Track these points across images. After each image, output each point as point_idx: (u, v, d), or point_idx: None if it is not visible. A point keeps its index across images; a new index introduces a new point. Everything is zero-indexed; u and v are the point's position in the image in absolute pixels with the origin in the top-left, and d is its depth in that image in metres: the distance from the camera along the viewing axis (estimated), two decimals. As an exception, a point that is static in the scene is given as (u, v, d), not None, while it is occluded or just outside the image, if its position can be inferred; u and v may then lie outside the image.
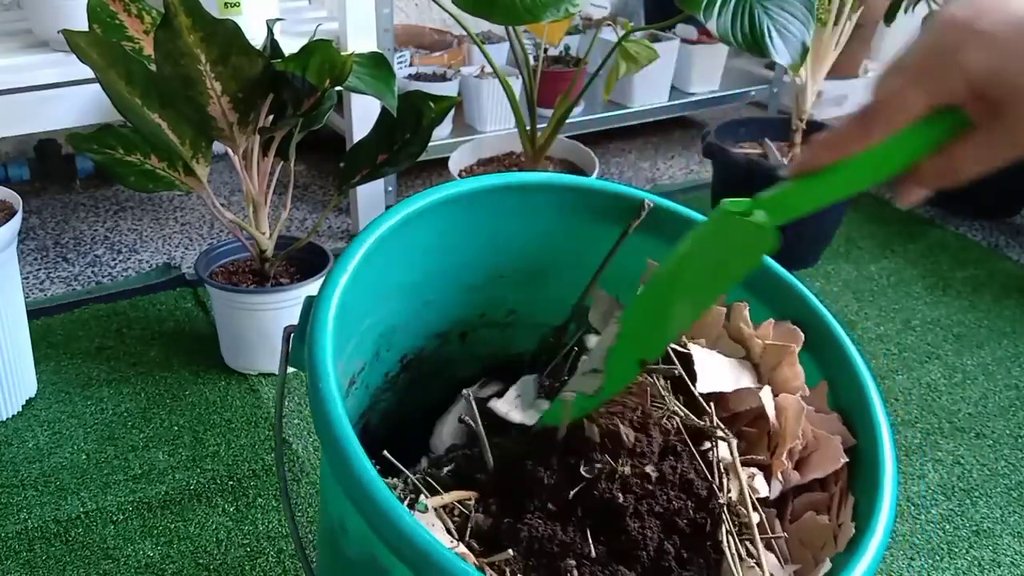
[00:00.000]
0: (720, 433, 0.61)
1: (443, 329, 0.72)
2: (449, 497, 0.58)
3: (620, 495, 0.56)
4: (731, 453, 0.60)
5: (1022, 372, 1.40)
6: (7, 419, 1.23)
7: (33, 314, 1.41)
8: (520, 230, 0.68)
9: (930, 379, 1.38)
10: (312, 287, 1.30)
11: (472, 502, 0.58)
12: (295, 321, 0.60)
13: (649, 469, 0.57)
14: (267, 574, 1.01)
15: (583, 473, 0.57)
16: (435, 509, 0.57)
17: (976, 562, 1.06)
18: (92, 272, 1.61)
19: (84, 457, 1.17)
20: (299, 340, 0.60)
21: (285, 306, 1.29)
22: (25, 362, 1.25)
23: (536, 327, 0.76)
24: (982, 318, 1.54)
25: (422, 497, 0.58)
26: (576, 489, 0.56)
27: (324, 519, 0.61)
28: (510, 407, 0.63)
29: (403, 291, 0.65)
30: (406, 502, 0.58)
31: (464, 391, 0.66)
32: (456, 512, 0.58)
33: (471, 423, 0.62)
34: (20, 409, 1.24)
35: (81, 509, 1.09)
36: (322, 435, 0.48)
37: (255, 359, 1.32)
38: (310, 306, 0.56)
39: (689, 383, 0.63)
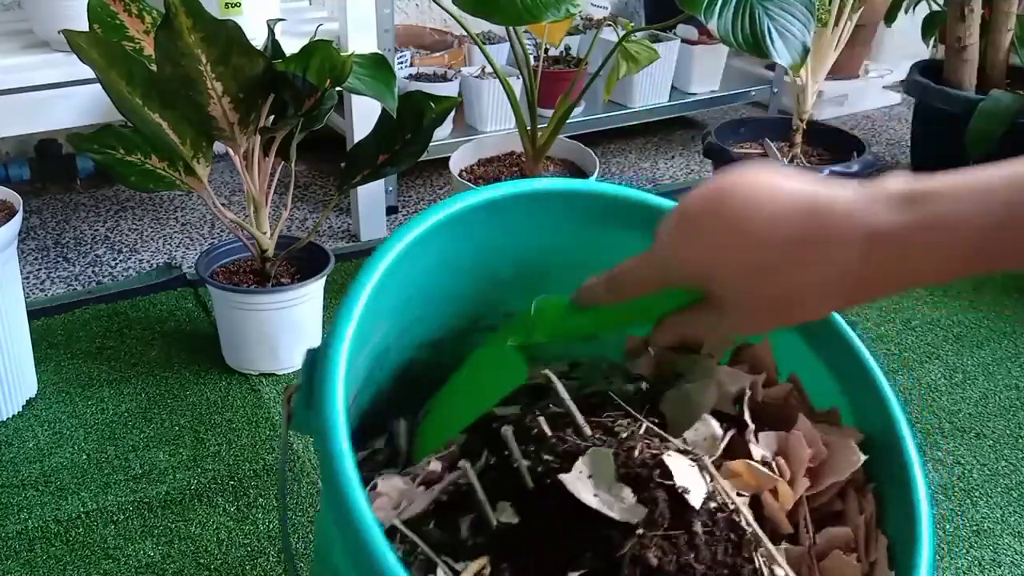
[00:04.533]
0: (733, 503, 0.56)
1: (436, 337, 0.72)
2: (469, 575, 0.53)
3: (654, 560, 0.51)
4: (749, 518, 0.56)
5: (1022, 372, 1.40)
6: (7, 419, 1.23)
7: (33, 314, 1.41)
8: (519, 236, 0.67)
9: (930, 379, 1.38)
10: (313, 287, 1.30)
11: (487, 572, 0.53)
12: (295, 321, 0.59)
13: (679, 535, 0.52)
14: (267, 574, 1.01)
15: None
16: None
17: (976, 562, 1.06)
18: (93, 272, 1.62)
19: (85, 457, 1.17)
20: (303, 404, 0.53)
21: (286, 306, 1.29)
22: (25, 362, 1.25)
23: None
24: (982, 318, 1.54)
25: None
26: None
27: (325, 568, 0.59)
28: (586, 489, 0.54)
29: (396, 312, 0.64)
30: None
31: (503, 429, 0.59)
32: None
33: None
34: (20, 409, 1.24)
35: (82, 509, 1.09)
36: (343, 528, 0.44)
37: (256, 359, 1.32)
38: (312, 364, 0.51)
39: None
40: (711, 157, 1.70)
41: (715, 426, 0.60)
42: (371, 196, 1.71)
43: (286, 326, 1.30)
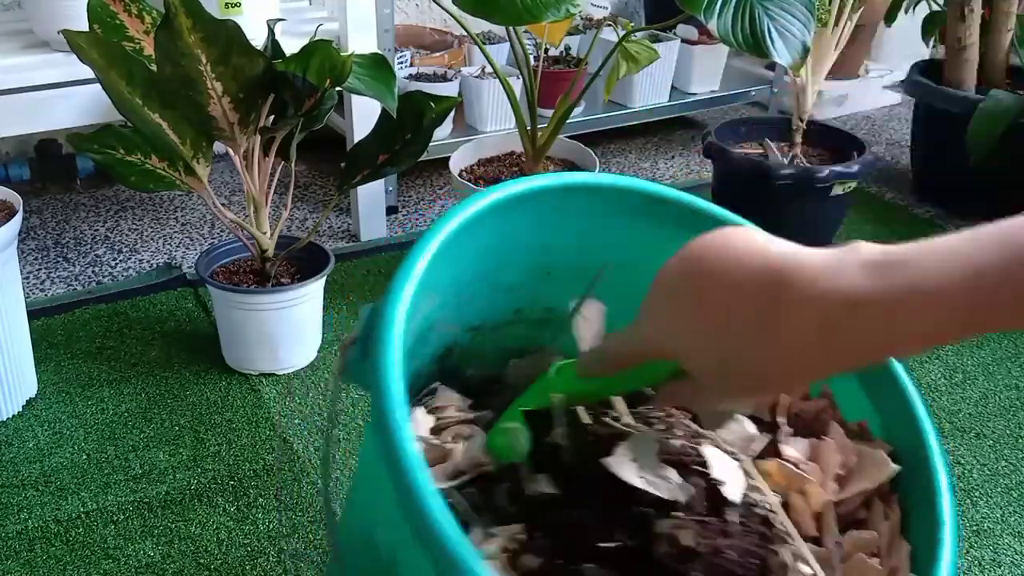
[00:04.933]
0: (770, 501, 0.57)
1: (477, 323, 0.72)
2: (504, 539, 0.54)
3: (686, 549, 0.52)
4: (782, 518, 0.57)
5: (1022, 372, 1.40)
6: (7, 419, 1.23)
7: (33, 314, 1.41)
8: (577, 230, 0.67)
9: (930, 379, 1.38)
10: (313, 287, 1.30)
11: (523, 536, 0.55)
12: (296, 321, 0.59)
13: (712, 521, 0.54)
14: (267, 574, 1.01)
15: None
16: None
17: (976, 562, 1.06)
18: (93, 272, 1.62)
19: (85, 457, 1.17)
20: (360, 355, 0.55)
21: (286, 306, 1.29)
22: (25, 362, 1.25)
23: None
24: (982, 318, 1.54)
25: (485, 547, 0.55)
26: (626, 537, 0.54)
27: (366, 545, 0.59)
28: (630, 471, 0.55)
29: (447, 290, 0.64)
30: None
31: (554, 407, 0.59)
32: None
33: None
34: (20, 409, 1.24)
35: (82, 509, 1.09)
36: (396, 478, 0.46)
37: (256, 359, 1.32)
38: (372, 317, 0.52)
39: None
40: (711, 157, 1.70)
41: (749, 426, 0.61)
42: (371, 196, 1.71)
43: (286, 326, 1.30)
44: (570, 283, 0.70)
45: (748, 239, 0.45)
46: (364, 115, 1.57)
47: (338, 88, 1.16)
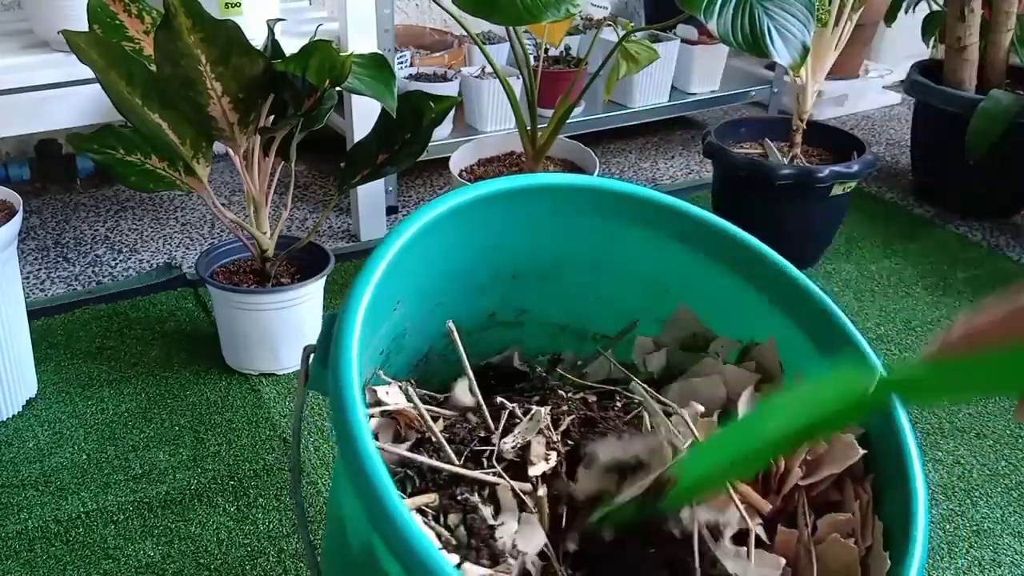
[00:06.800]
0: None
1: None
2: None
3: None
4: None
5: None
6: (7, 419, 1.23)
7: (33, 314, 1.41)
8: (536, 230, 0.68)
9: (930, 379, 1.38)
10: (313, 287, 1.30)
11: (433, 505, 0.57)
12: (296, 321, 0.60)
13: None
14: (268, 574, 1.01)
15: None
16: None
17: (976, 562, 1.06)
18: (93, 272, 1.62)
19: (84, 457, 1.17)
20: (320, 363, 0.56)
21: (286, 306, 1.29)
22: (25, 362, 1.25)
23: (547, 326, 0.76)
24: (982, 318, 1.53)
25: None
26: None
27: (341, 545, 0.61)
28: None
29: (417, 295, 0.65)
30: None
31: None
32: None
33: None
34: (20, 409, 1.24)
35: (81, 509, 1.09)
36: (352, 469, 0.47)
37: (256, 359, 1.32)
38: (331, 325, 0.54)
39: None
40: (711, 157, 1.70)
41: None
42: (371, 196, 1.71)
43: (286, 326, 1.30)
44: (534, 283, 0.70)
45: None
46: (364, 115, 1.57)
47: (338, 88, 1.16)
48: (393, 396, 0.60)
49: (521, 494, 0.56)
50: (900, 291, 1.61)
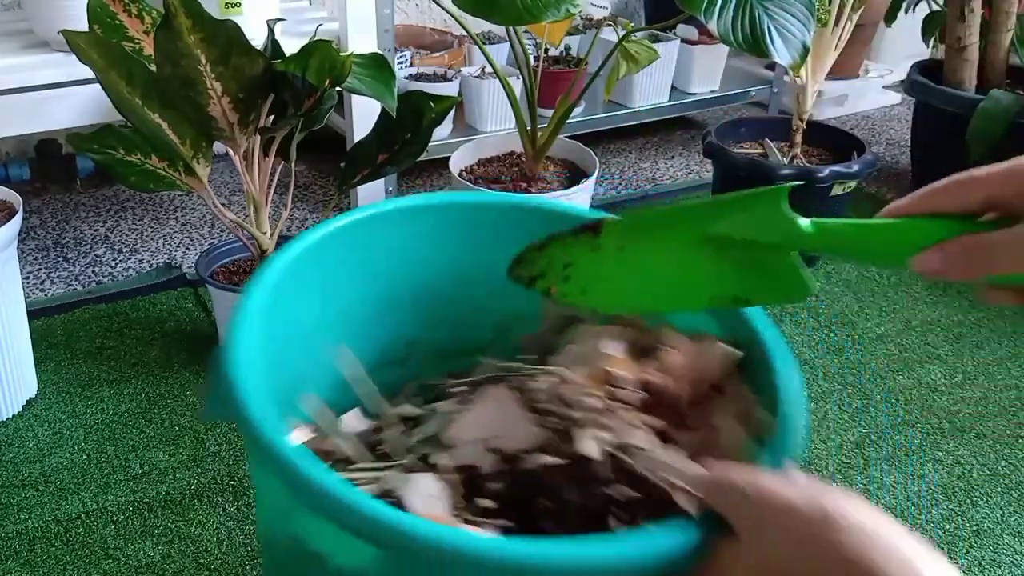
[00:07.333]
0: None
1: (403, 354, 0.70)
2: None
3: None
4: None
5: (1022, 372, 1.40)
6: (7, 419, 1.23)
7: (33, 314, 1.41)
8: (412, 254, 0.67)
9: (930, 379, 1.38)
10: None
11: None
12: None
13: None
14: (267, 574, 1.01)
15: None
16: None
17: (976, 562, 1.06)
18: (93, 272, 1.62)
19: (85, 457, 1.17)
20: (214, 400, 0.55)
21: (285, 306, 1.28)
22: (25, 362, 1.25)
23: (441, 356, 0.72)
24: (982, 318, 1.54)
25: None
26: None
27: (274, 561, 0.61)
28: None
29: (303, 340, 0.63)
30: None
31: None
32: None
33: None
34: (20, 409, 1.24)
35: (82, 509, 1.09)
36: (263, 455, 0.48)
37: (255, 359, 1.32)
38: (218, 359, 0.53)
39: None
40: (711, 157, 1.70)
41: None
42: (371, 196, 1.71)
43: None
44: (419, 313, 0.70)
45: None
46: (364, 115, 1.57)
47: (338, 88, 1.15)
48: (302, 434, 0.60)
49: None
50: (900, 291, 1.62)
